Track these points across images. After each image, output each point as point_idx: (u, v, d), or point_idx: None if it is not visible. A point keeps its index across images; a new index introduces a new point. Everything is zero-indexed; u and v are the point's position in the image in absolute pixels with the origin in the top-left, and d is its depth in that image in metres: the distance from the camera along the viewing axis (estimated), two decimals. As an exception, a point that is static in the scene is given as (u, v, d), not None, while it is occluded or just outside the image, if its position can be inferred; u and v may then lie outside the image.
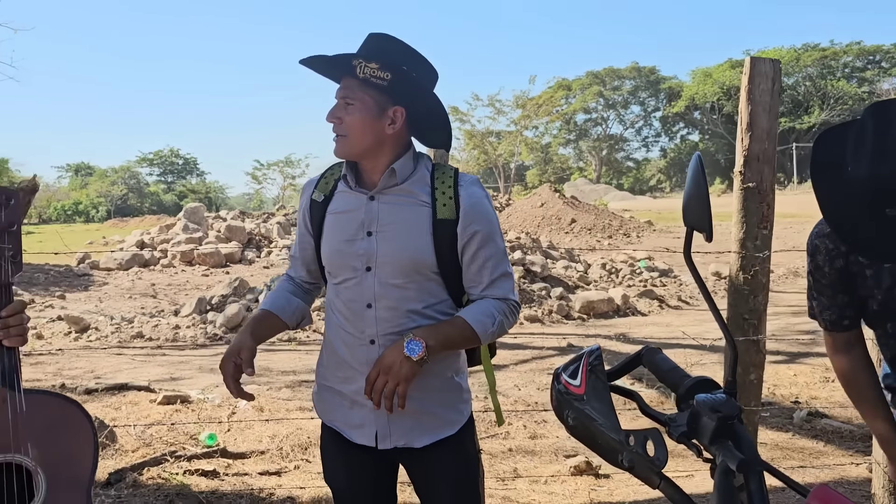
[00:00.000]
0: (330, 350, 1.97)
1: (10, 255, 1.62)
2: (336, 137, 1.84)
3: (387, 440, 1.89)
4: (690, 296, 12.30)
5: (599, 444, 1.11)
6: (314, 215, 1.95)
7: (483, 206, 1.85)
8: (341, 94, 1.82)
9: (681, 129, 68.78)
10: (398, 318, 1.84)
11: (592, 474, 4.32)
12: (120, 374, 7.25)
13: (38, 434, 1.56)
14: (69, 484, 1.58)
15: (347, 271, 1.87)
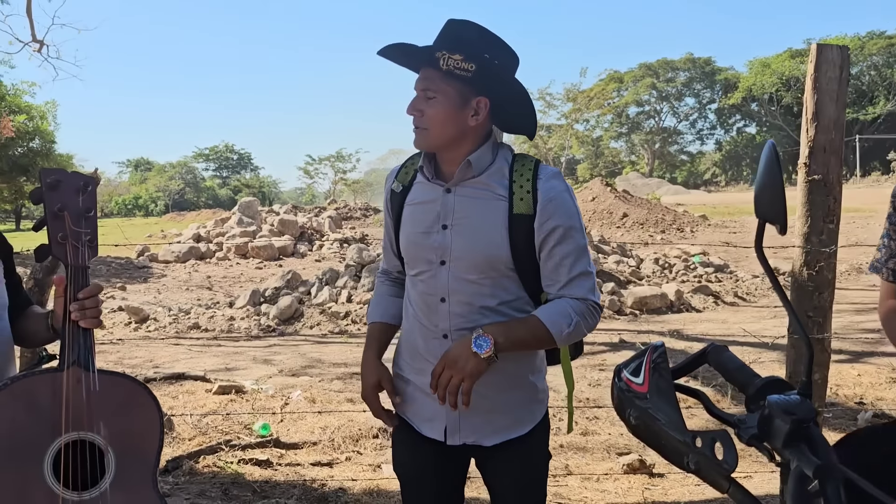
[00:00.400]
0: (406, 340, 1.95)
1: (87, 240, 1.65)
2: (416, 129, 1.79)
3: (455, 436, 1.86)
4: (747, 292, 11.98)
5: (663, 444, 1.06)
6: (393, 205, 1.92)
7: (563, 201, 1.77)
8: (421, 85, 1.76)
9: (737, 121, 67.09)
10: (471, 313, 1.79)
11: (646, 473, 4.24)
12: (177, 364, 7.43)
13: (109, 414, 1.59)
14: (136, 463, 1.61)
15: (423, 264, 1.84)
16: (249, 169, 76.13)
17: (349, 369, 7.24)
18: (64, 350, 1.58)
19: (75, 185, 1.66)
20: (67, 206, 1.63)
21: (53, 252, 1.63)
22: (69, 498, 1.50)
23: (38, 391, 1.53)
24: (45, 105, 22.44)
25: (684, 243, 16.74)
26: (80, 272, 1.63)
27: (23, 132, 20.67)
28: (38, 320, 1.76)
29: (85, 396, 1.55)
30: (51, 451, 1.51)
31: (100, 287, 1.67)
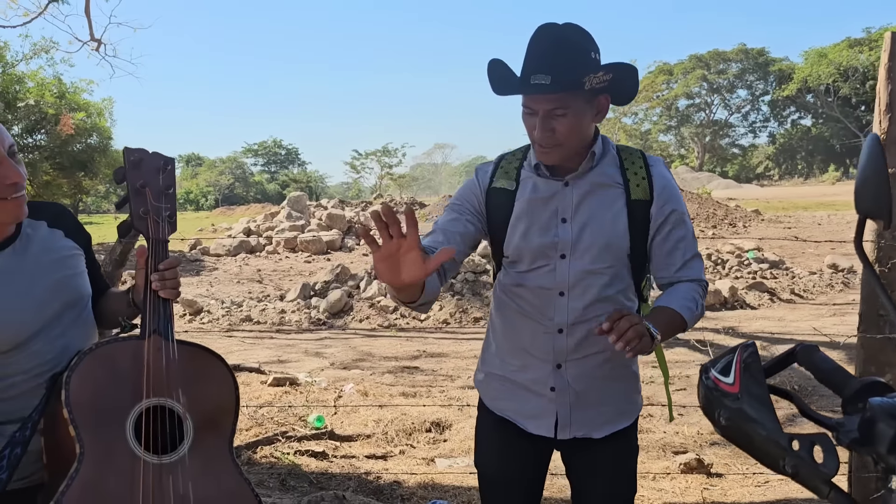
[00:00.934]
0: (505, 338, 1.91)
1: (167, 215, 1.70)
2: (545, 148, 1.75)
3: (567, 430, 1.85)
4: (804, 289, 11.65)
5: (756, 446, 1.03)
6: (497, 203, 1.86)
7: (675, 187, 1.82)
8: (547, 106, 1.70)
9: (791, 113, 65.34)
10: (590, 305, 1.79)
11: (704, 473, 4.16)
12: (231, 356, 7.57)
13: (188, 382, 1.62)
14: (213, 431, 1.64)
15: (540, 259, 1.81)
16: (297, 164, 77.20)
17: (400, 363, 7.28)
18: (145, 319, 1.62)
19: (156, 164, 1.72)
20: (149, 183, 1.69)
21: (135, 225, 1.68)
22: (150, 460, 1.53)
23: (121, 357, 1.57)
24: (102, 102, 23.12)
25: (737, 238, 16.37)
26: (161, 245, 1.68)
27: (81, 129, 21.30)
28: (119, 299, 1.81)
29: (165, 364, 1.59)
30: (132, 415, 1.55)
31: (178, 260, 1.71)
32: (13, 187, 1.52)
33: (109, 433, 1.52)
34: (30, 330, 1.57)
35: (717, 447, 4.66)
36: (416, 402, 5.45)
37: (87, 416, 1.50)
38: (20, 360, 1.57)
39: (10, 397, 1.56)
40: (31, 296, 1.59)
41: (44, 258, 1.64)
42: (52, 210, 1.75)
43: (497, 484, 1.98)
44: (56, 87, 21.07)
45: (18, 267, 1.59)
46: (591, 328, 1.78)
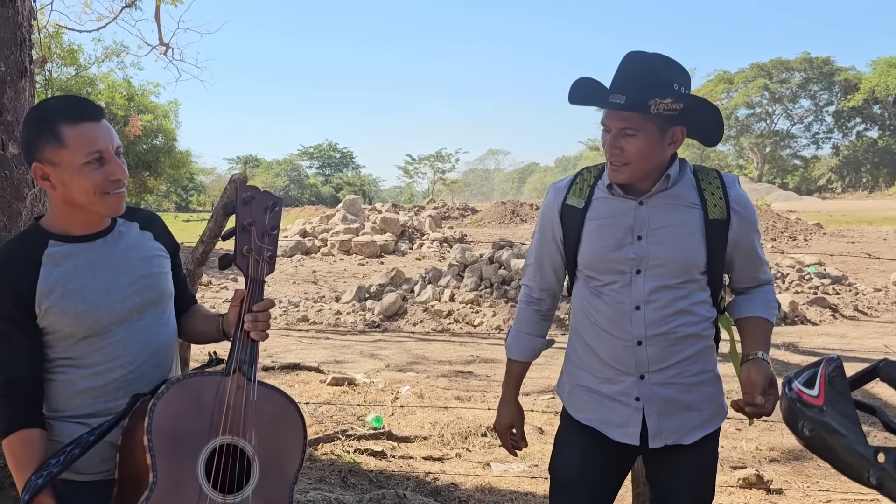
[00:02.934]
0: (586, 350, 1.97)
1: (268, 256, 1.74)
2: (615, 165, 1.84)
3: (657, 438, 1.90)
4: (868, 306, 11.31)
5: (841, 458, 1.05)
6: (568, 220, 1.95)
7: (749, 203, 1.92)
8: (619, 125, 1.79)
9: (857, 124, 63.22)
10: (667, 318, 1.86)
11: (763, 489, 4.10)
12: (290, 355, 7.76)
13: (261, 424, 1.64)
14: (277, 477, 1.65)
15: (613, 275, 1.88)
16: (351, 167, 78.10)
17: (454, 367, 7.34)
18: (232, 356, 1.66)
19: (265, 203, 1.75)
20: (256, 222, 1.73)
21: (237, 262, 1.71)
22: (215, 499, 1.56)
23: (205, 390, 1.61)
24: (168, 104, 23.92)
25: (797, 252, 15.96)
26: (258, 285, 1.71)
27: (148, 130, 22.07)
28: (209, 321, 1.87)
29: (244, 404, 1.62)
30: (205, 451, 1.57)
31: (272, 303, 1.75)
32: (117, 183, 1.63)
33: (182, 466, 1.54)
34: (111, 318, 1.66)
35: (776, 464, 4.59)
36: (470, 405, 5.50)
37: (165, 446, 1.53)
38: (104, 347, 1.66)
39: (96, 387, 1.66)
40: (115, 286, 1.68)
41: (133, 254, 1.74)
42: (145, 214, 1.85)
43: (574, 485, 2.00)
44: (125, 89, 21.88)
45: (108, 258, 1.69)
46: (669, 339, 1.86)
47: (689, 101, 1.79)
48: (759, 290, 1.97)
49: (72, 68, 20.09)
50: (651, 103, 1.74)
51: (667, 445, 1.89)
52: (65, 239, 1.66)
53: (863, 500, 3.95)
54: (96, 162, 1.59)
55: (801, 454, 4.69)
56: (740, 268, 1.94)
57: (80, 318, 1.63)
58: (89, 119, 1.60)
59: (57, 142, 1.57)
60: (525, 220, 28.01)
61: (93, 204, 1.62)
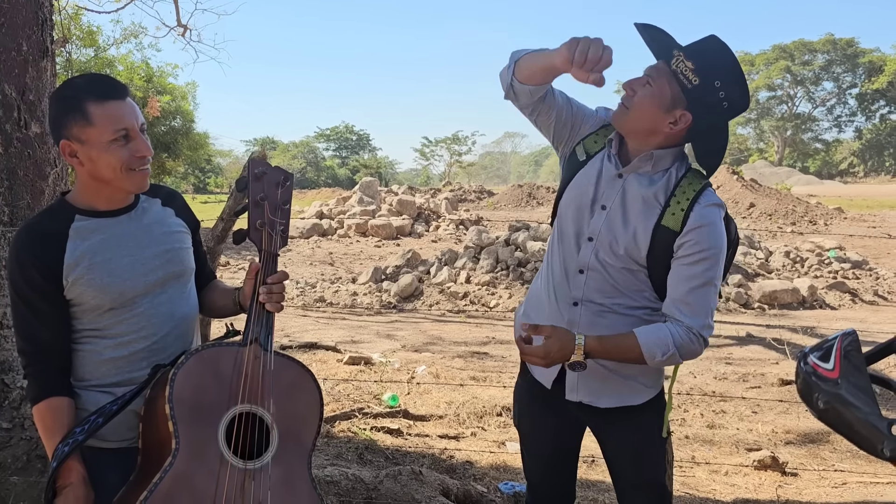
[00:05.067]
0: (536, 294, 2.08)
1: (281, 230, 1.78)
2: (620, 105, 1.88)
3: (574, 392, 1.96)
4: (889, 291, 11.20)
5: (856, 430, 1.06)
6: (570, 165, 2.00)
7: (711, 231, 1.80)
8: (648, 71, 1.85)
9: (881, 107, 62.22)
10: (605, 291, 1.90)
11: (779, 470, 4.11)
12: (307, 334, 7.83)
13: (279, 393, 1.69)
14: (295, 445, 1.70)
15: (573, 230, 1.94)
16: (367, 150, 78.12)
17: (469, 348, 7.38)
18: (248, 328, 1.71)
19: (277, 178, 1.79)
20: (268, 197, 1.76)
21: (250, 236, 1.75)
22: (236, 464, 1.60)
23: (223, 361, 1.65)
24: (186, 86, 23.98)
25: (817, 236, 15.81)
26: (272, 258, 1.76)
27: (166, 112, 22.16)
28: (226, 295, 1.92)
29: (261, 373, 1.67)
30: (225, 419, 1.62)
31: (286, 275, 1.79)
32: (142, 160, 1.68)
33: (203, 433, 1.59)
34: (136, 290, 1.71)
35: (791, 446, 4.59)
36: (485, 385, 5.54)
37: (186, 414, 1.58)
38: (128, 319, 1.71)
39: (120, 357, 1.71)
40: (140, 259, 1.73)
41: (156, 229, 1.79)
42: (167, 191, 1.90)
43: (529, 439, 2.16)
44: (144, 70, 21.96)
45: (132, 232, 1.74)
46: (603, 310, 1.90)
47: (708, 88, 1.75)
48: (672, 326, 1.80)
49: (91, 49, 20.21)
50: (676, 53, 1.76)
51: (583, 403, 1.95)
52: (90, 214, 1.71)
53: (878, 482, 3.95)
54: (122, 139, 1.64)
55: (818, 437, 4.69)
56: (670, 284, 1.83)
57: (106, 291, 1.67)
58: (115, 97, 1.64)
59: (84, 120, 1.62)
60: (542, 203, 27.90)
61: (119, 180, 1.67)
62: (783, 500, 3.71)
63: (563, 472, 2.14)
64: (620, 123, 1.88)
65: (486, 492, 3.47)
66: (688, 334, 1.79)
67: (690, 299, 1.79)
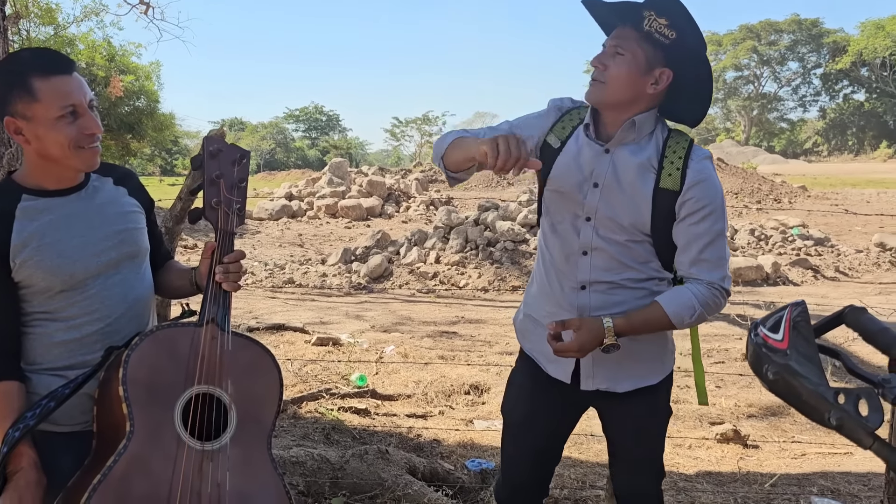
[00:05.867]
0: (540, 284, 2.01)
1: (237, 208, 1.74)
2: (593, 82, 1.82)
3: (589, 381, 1.92)
4: (849, 267, 11.45)
5: (804, 400, 1.07)
6: (544, 156, 1.93)
7: (711, 184, 1.81)
8: (613, 42, 1.80)
9: (844, 87, 63.20)
10: (612, 268, 1.86)
11: (740, 443, 4.19)
12: (275, 316, 7.77)
13: (237, 373, 1.66)
14: (255, 425, 1.68)
15: (567, 216, 1.90)
16: (337, 130, 77.34)
17: (438, 328, 7.39)
18: (204, 308, 1.67)
19: (232, 156, 1.75)
20: (224, 175, 1.73)
21: (206, 215, 1.72)
22: (193, 445, 1.58)
23: (179, 342, 1.62)
24: (150, 65, 23.45)
25: (781, 214, 16.07)
26: (228, 237, 1.72)
27: (130, 92, 21.67)
28: (182, 275, 1.88)
29: (218, 353, 1.64)
30: (182, 400, 1.59)
31: (243, 253, 1.75)
32: (91, 137, 1.62)
33: (159, 415, 1.56)
34: (87, 272, 1.66)
35: (753, 419, 4.68)
36: (454, 364, 5.56)
37: (141, 396, 1.55)
38: (80, 301, 1.66)
39: (73, 339, 1.67)
40: (91, 240, 1.68)
41: (108, 210, 1.73)
42: (120, 171, 1.84)
43: (518, 428, 2.05)
44: (106, 49, 21.43)
45: (83, 212, 1.69)
46: (612, 287, 1.87)
47: (685, 37, 1.74)
48: (693, 286, 1.82)
49: (50, 28, 19.65)
50: (646, 14, 1.72)
51: (600, 391, 1.92)
52: (39, 193, 1.65)
53: (836, 453, 4.04)
54: (70, 116, 1.58)
55: (778, 410, 4.78)
56: (679, 251, 1.84)
57: (56, 273, 1.63)
58: (61, 72, 1.58)
59: (29, 95, 1.55)
60: (512, 183, 27.93)
61: (68, 158, 1.61)
62: (744, 472, 3.79)
63: (550, 463, 2.10)
64: (599, 99, 1.83)
65: (452, 469, 3.48)
66: (709, 290, 1.81)
67: (705, 256, 1.81)
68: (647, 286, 1.90)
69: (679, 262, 1.86)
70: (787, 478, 3.66)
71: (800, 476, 3.71)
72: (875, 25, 53.74)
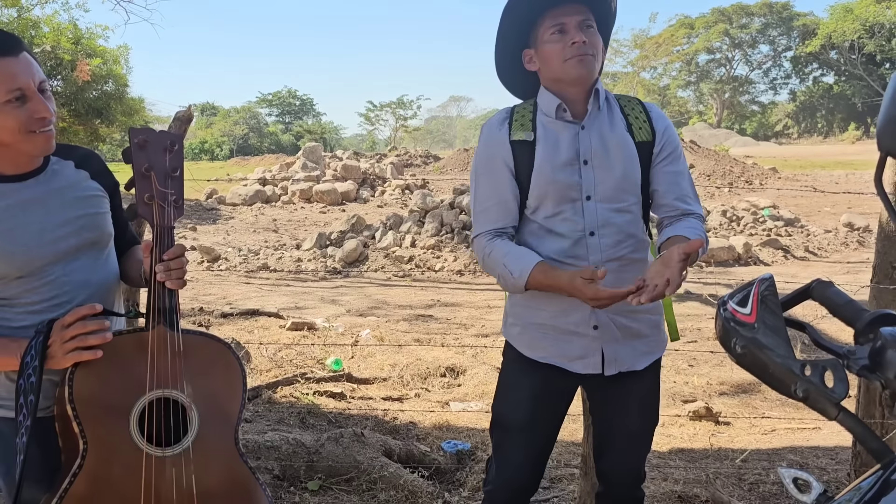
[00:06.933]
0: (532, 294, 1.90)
1: (173, 199, 1.65)
2: (583, 57, 1.81)
3: (613, 366, 1.90)
4: (819, 247, 11.63)
5: (771, 373, 1.08)
6: (520, 154, 1.89)
7: (673, 129, 1.95)
8: (579, 17, 1.82)
9: (814, 70, 63.94)
10: (620, 242, 1.86)
11: (712, 420, 4.26)
12: (249, 301, 7.71)
13: (193, 372, 1.62)
14: (219, 420, 1.64)
15: (565, 202, 1.86)
16: (311, 115, 76.64)
17: (414, 311, 7.39)
18: (149, 310, 1.61)
19: (163, 144, 1.65)
20: (154, 167, 1.64)
21: (140, 212, 1.63)
22: (152, 453, 1.55)
23: (125, 350, 1.57)
24: (118, 49, 22.97)
25: (753, 196, 16.27)
26: (166, 232, 1.64)
27: (97, 76, 21.24)
28: (136, 267, 1.82)
29: (169, 355, 1.59)
30: (136, 409, 1.55)
31: (184, 248, 1.68)
32: (42, 121, 1.55)
33: (112, 428, 1.52)
34: (44, 259, 1.61)
35: (725, 397, 4.75)
36: (430, 347, 5.56)
37: (90, 412, 1.51)
38: (39, 288, 1.62)
39: (33, 325, 1.61)
40: (48, 226, 1.63)
41: (68, 194, 1.68)
42: (82, 152, 1.78)
43: (521, 428, 1.97)
44: (72, 32, 20.95)
45: (40, 198, 1.63)
46: (622, 263, 1.87)
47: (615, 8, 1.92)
48: (685, 219, 1.88)
49: (14, 10, 19.16)
50: None
51: (621, 373, 1.90)
52: None
53: (804, 428, 4.12)
54: (17, 101, 1.51)
55: (749, 387, 4.86)
56: (664, 194, 1.90)
57: (11, 259, 1.58)
58: (6, 54, 1.50)
59: None
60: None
61: (19, 143, 1.55)
62: (716, 448, 3.85)
63: (546, 457, 2.05)
64: (592, 70, 1.83)
65: (428, 451, 3.50)
66: (699, 220, 1.91)
67: (689, 190, 1.92)
68: (643, 256, 1.92)
69: (664, 204, 1.91)
70: (758, 453, 3.72)
71: (770, 451, 3.78)
72: (844, 9, 54.34)
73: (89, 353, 1.54)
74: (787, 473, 1.11)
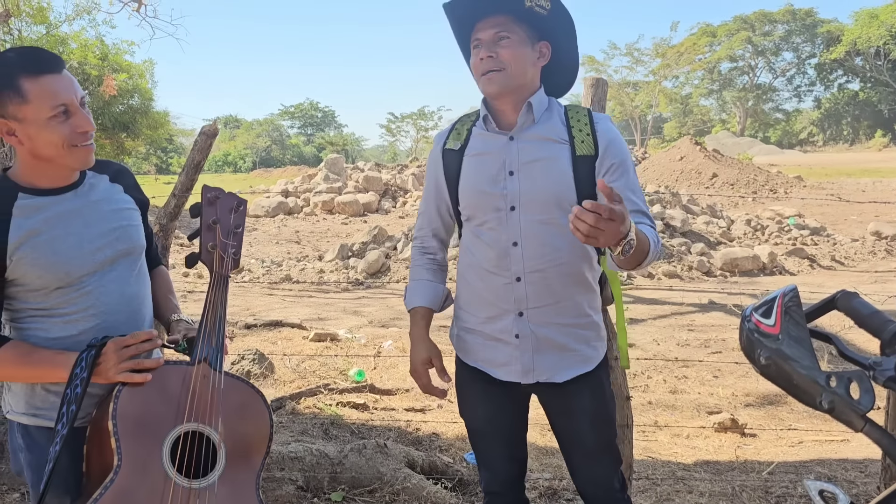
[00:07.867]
0: (470, 291, 1.99)
1: (233, 252, 1.80)
2: (489, 74, 1.83)
3: (530, 375, 1.93)
4: (845, 256, 11.47)
5: (796, 384, 1.08)
6: (449, 162, 1.98)
7: (620, 142, 1.89)
8: (493, 29, 1.82)
9: (839, 77, 63.22)
10: (544, 254, 1.87)
11: (738, 432, 4.21)
12: (273, 312, 7.77)
13: (227, 413, 1.69)
14: (244, 464, 1.69)
15: (490, 212, 1.89)
16: (333, 126, 77.26)
17: (436, 322, 7.34)
18: (198, 346, 1.70)
19: (230, 203, 1.83)
20: (220, 221, 1.81)
21: (202, 258, 1.78)
22: (180, 483, 1.59)
23: (170, 379, 1.65)
24: (143, 63, 23.38)
25: (777, 205, 16.09)
26: (222, 280, 1.77)
27: (123, 90, 21.62)
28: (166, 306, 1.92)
29: (209, 392, 1.67)
30: (170, 437, 1.61)
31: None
32: (85, 135, 1.62)
33: (147, 450, 1.58)
34: (83, 270, 1.66)
35: (751, 409, 4.70)
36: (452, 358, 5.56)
37: (129, 430, 1.57)
38: (76, 298, 1.67)
39: (69, 336, 1.67)
40: (86, 238, 1.68)
41: (104, 207, 1.74)
42: (116, 167, 1.84)
43: (481, 432, 2.05)
44: (98, 48, 21.36)
45: (79, 210, 1.69)
46: (547, 276, 1.86)
47: (559, 7, 1.83)
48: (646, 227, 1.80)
49: (42, 27, 19.57)
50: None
51: (540, 383, 1.92)
52: (34, 192, 1.65)
53: (832, 440, 4.06)
54: (62, 115, 1.57)
55: (776, 399, 4.81)
56: None
57: (51, 270, 1.63)
58: (50, 71, 1.57)
59: (19, 97, 1.55)
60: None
61: (62, 157, 1.61)
62: (742, 460, 3.80)
63: (521, 452, 2.09)
64: (503, 85, 1.83)
65: (451, 462, 3.49)
66: (657, 234, 1.86)
67: (640, 204, 1.87)
68: (578, 270, 1.89)
69: None
70: (785, 465, 3.67)
71: (797, 463, 3.73)
72: (869, 14, 53.75)
73: (140, 376, 1.61)
74: (813, 486, 1.10)
